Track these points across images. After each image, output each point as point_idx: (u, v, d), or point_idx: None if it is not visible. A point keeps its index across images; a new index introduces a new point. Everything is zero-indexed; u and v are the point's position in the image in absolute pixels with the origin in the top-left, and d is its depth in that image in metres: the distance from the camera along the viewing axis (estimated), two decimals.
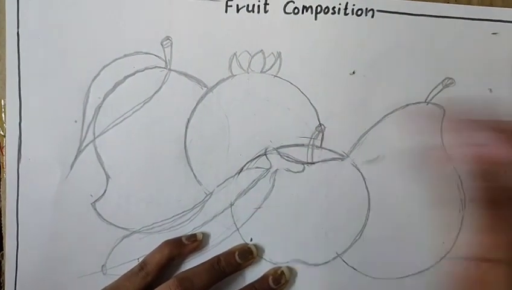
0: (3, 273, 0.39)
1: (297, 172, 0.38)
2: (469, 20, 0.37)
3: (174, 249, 0.37)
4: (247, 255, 0.38)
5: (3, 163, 0.39)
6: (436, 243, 0.38)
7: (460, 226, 0.38)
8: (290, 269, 0.38)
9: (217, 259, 0.37)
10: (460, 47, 0.37)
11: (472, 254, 0.36)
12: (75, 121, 0.38)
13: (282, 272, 0.38)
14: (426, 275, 0.38)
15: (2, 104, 0.39)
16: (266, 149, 0.38)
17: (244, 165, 0.38)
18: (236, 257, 0.37)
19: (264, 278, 0.38)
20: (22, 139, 0.39)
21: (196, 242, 0.38)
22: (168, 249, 0.37)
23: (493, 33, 0.36)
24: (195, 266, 0.37)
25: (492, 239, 0.34)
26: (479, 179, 0.35)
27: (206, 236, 0.39)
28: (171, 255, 0.37)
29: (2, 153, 0.39)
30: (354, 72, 0.37)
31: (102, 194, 0.39)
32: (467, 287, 0.35)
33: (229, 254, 0.38)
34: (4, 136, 0.39)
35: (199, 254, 0.39)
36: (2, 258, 0.39)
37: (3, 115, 0.39)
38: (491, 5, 0.37)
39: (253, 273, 0.38)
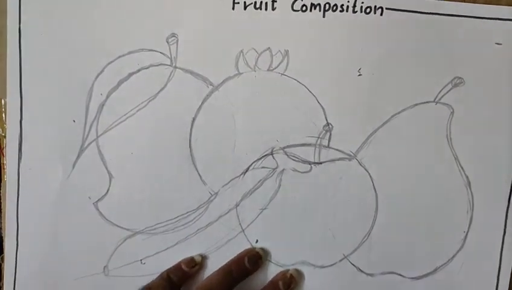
0: (3, 276, 0.39)
1: (304, 172, 0.38)
2: (478, 19, 0.36)
3: (175, 277, 0.37)
4: (256, 259, 0.37)
5: (3, 164, 0.38)
6: (444, 244, 0.38)
7: (468, 227, 0.37)
8: (298, 271, 0.38)
9: (228, 268, 0.37)
10: (470, 46, 0.36)
11: None
12: (78, 119, 0.38)
13: (292, 276, 0.37)
14: (434, 277, 0.38)
15: (3, 103, 0.38)
16: (273, 149, 0.37)
17: (250, 165, 0.38)
18: (246, 263, 0.37)
19: (274, 283, 0.37)
20: (23, 137, 0.38)
21: (196, 267, 0.37)
22: (169, 280, 0.37)
23: (497, 43, 0.36)
24: (210, 276, 0.37)
25: None
26: None
27: (204, 258, 0.38)
28: (173, 284, 0.37)
29: (3, 154, 0.38)
30: (362, 71, 0.37)
31: (105, 194, 0.38)
32: None
33: (239, 260, 0.37)
34: (5, 136, 0.38)
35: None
36: (3, 261, 0.39)
37: (3, 115, 0.38)
38: (497, 1, 0.36)
39: (258, 275, 0.38)
